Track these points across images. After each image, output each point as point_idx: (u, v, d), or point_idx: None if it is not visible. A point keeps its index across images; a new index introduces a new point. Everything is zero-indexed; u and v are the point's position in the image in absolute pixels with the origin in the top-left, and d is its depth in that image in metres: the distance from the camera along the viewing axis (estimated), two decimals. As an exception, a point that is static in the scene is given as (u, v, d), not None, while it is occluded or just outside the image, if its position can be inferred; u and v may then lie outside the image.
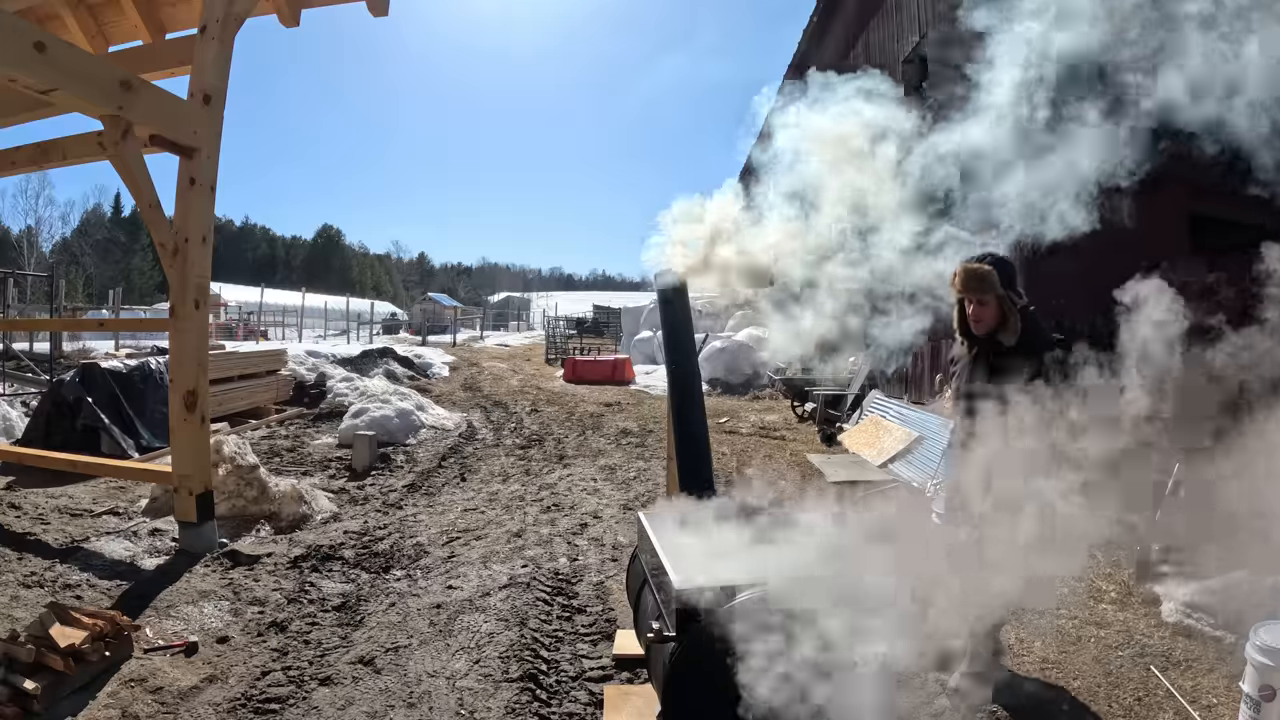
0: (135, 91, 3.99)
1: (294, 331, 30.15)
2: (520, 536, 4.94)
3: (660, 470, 6.58)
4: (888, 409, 8.10)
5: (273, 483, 5.32)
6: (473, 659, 3.18)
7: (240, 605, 3.68)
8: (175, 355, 4.55)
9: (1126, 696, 2.94)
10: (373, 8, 5.40)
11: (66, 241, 50.33)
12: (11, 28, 3.34)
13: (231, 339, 22.71)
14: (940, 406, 2.74)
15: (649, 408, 11.15)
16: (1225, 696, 2.90)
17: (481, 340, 31.68)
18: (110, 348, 14.30)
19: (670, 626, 2.14)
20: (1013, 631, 3.52)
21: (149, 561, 4.22)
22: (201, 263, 4.49)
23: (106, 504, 5.34)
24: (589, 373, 15.12)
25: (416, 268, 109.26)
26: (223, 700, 2.83)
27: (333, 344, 21.49)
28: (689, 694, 2.07)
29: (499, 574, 4.18)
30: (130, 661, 3.02)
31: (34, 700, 2.60)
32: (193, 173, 4.45)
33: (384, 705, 2.83)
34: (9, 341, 11.89)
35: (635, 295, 46.79)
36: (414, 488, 6.43)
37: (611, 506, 5.74)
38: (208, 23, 4.53)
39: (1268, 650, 2.49)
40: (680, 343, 3.15)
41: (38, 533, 4.59)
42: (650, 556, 2.48)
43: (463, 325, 39.15)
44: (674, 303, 3.19)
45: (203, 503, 4.43)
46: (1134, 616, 3.69)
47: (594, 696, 2.92)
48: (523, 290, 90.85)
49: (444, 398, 12.20)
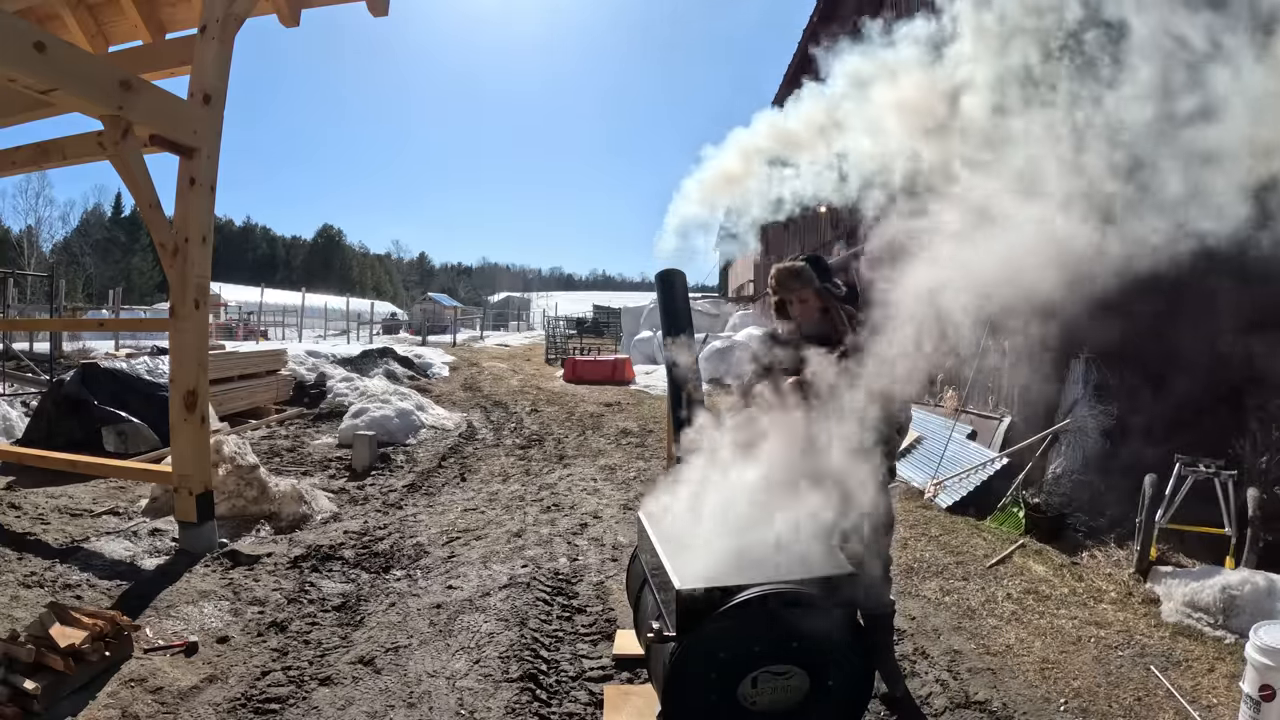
0: (135, 91, 3.98)
1: (294, 331, 30.15)
2: (520, 536, 4.94)
3: (660, 470, 6.58)
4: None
5: (273, 483, 5.32)
6: (473, 659, 3.18)
7: (240, 605, 3.68)
8: (175, 355, 4.54)
9: (1126, 696, 2.94)
10: (373, 8, 5.39)
11: (66, 241, 50.32)
12: (11, 28, 3.33)
13: (231, 339, 22.71)
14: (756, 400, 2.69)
15: (649, 408, 11.15)
16: (1225, 696, 2.90)
17: (481, 340, 31.68)
18: (110, 348, 14.30)
19: (670, 626, 2.14)
20: (1012, 631, 3.53)
21: (149, 561, 4.22)
22: (201, 263, 4.48)
23: (106, 504, 5.34)
24: (589, 373, 15.12)
25: (416, 268, 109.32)
26: (223, 700, 2.83)
27: (333, 344, 21.49)
28: (689, 694, 2.08)
29: (499, 574, 4.18)
30: (130, 661, 3.02)
31: (34, 700, 2.59)
32: (193, 173, 4.45)
33: (384, 705, 2.83)
34: (9, 341, 11.89)
35: (635, 295, 46.89)
36: (414, 488, 6.43)
37: (611, 506, 5.74)
38: (208, 23, 4.53)
39: (1268, 650, 2.49)
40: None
41: (38, 533, 4.59)
42: (650, 556, 2.48)
43: (463, 325, 39.16)
44: (674, 284, 3.23)
45: (203, 503, 4.43)
46: (1134, 616, 3.69)
47: (594, 696, 2.92)
48: (523, 290, 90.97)
49: (444, 398, 12.20)
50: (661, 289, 3.30)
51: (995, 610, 3.77)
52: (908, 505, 5.61)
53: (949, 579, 4.19)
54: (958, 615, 3.72)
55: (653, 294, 6.70)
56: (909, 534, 4.93)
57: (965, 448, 6.22)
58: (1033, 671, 3.14)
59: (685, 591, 2.08)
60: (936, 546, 4.72)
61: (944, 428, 6.65)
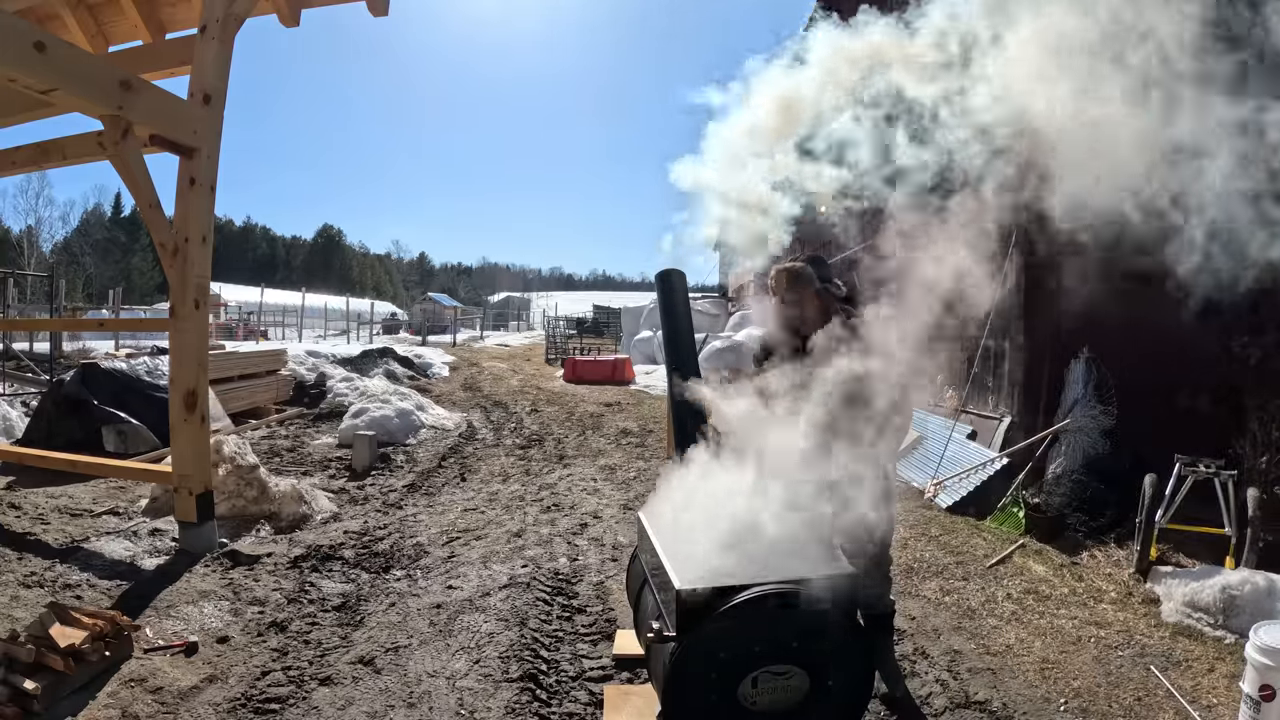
0: (135, 91, 3.98)
1: (294, 331, 30.15)
2: (520, 536, 4.94)
3: (660, 470, 6.58)
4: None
5: (273, 483, 5.32)
6: (473, 659, 3.18)
7: (240, 605, 3.68)
8: (175, 355, 4.54)
9: (1126, 696, 2.94)
10: (373, 8, 5.39)
11: (66, 241, 50.34)
12: (11, 28, 3.33)
13: (231, 339, 22.71)
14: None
15: (649, 408, 11.15)
16: (1225, 696, 2.90)
17: (481, 340, 31.69)
18: (110, 348, 14.29)
19: (670, 626, 2.14)
20: (1012, 631, 3.53)
21: (149, 561, 4.22)
22: (201, 263, 4.48)
23: (106, 504, 5.34)
24: (589, 373, 15.12)
25: (416, 268, 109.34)
26: (223, 700, 2.83)
27: (333, 344, 21.50)
28: (689, 694, 2.08)
29: (499, 574, 4.18)
30: (130, 661, 3.02)
31: (34, 700, 2.59)
32: (193, 173, 4.45)
33: (384, 705, 2.83)
34: (9, 341, 11.90)
35: (635, 295, 46.90)
36: (414, 488, 6.43)
37: (611, 506, 5.74)
38: (208, 23, 4.53)
39: (1268, 650, 2.49)
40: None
41: (38, 533, 4.59)
42: (650, 556, 2.48)
43: (463, 325, 39.16)
44: (673, 285, 3.20)
45: (203, 503, 4.43)
46: (1134, 616, 3.69)
47: (594, 696, 2.92)
48: (523, 290, 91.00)
49: (444, 398, 12.20)
50: (661, 289, 3.28)
51: (995, 610, 3.77)
52: (908, 505, 5.60)
53: (949, 579, 4.19)
54: (958, 615, 3.72)
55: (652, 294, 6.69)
56: (909, 534, 4.93)
57: (965, 448, 6.22)
58: (1033, 671, 3.14)
59: (685, 591, 2.08)
60: (936, 546, 4.72)
61: (944, 428, 6.65)
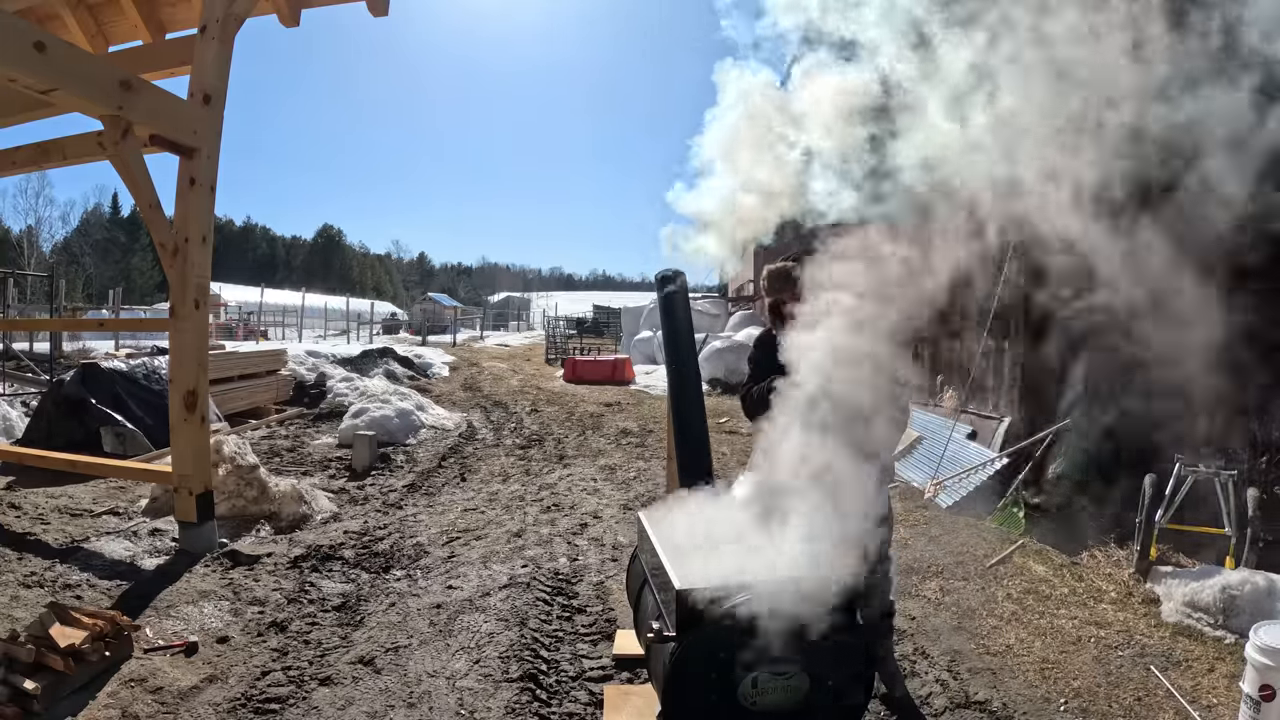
0: (135, 91, 3.98)
1: (294, 331, 30.16)
2: (520, 536, 4.94)
3: (660, 470, 6.58)
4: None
5: (273, 483, 5.32)
6: (473, 659, 3.18)
7: (240, 605, 3.68)
8: (175, 355, 4.54)
9: (1126, 696, 2.94)
10: (373, 8, 5.39)
11: (66, 241, 50.36)
12: (11, 28, 3.33)
13: (231, 339, 22.71)
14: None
15: (649, 408, 11.15)
16: (1225, 696, 2.90)
17: (481, 340, 31.69)
18: (110, 348, 14.30)
19: (670, 626, 2.13)
20: (1012, 631, 3.53)
21: (149, 561, 4.22)
22: (201, 263, 4.49)
23: (106, 504, 5.34)
24: (589, 373, 15.12)
25: (416, 268, 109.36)
26: (223, 700, 2.83)
27: (333, 344, 21.49)
28: (689, 694, 2.07)
29: (499, 574, 4.18)
30: (130, 661, 3.02)
31: (34, 700, 2.59)
32: (193, 173, 4.45)
33: (384, 705, 2.83)
34: (9, 341, 11.89)
35: (635, 295, 46.92)
36: (414, 488, 6.43)
37: (611, 506, 5.74)
38: (208, 23, 4.53)
39: (1268, 650, 2.49)
40: (680, 337, 3.14)
41: (38, 533, 4.59)
42: (650, 556, 2.48)
43: (463, 325, 39.17)
44: (675, 293, 3.19)
45: (203, 503, 4.43)
46: (1134, 616, 3.69)
47: (594, 696, 2.92)
48: (523, 290, 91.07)
49: (444, 398, 12.20)
50: (661, 289, 3.26)
51: (995, 610, 3.77)
52: (908, 505, 5.61)
53: (949, 579, 4.19)
54: (958, 615, 3.72)
55: (652, 294, 6.69)
56: (909, 534, 4.93)
57: (965, 448, 6.22)
58: (1033, 671, 3.14)
59: (685, 591, 2.08)
60: (936, 546, 4.72)
61: (944, 428, 6.65)
